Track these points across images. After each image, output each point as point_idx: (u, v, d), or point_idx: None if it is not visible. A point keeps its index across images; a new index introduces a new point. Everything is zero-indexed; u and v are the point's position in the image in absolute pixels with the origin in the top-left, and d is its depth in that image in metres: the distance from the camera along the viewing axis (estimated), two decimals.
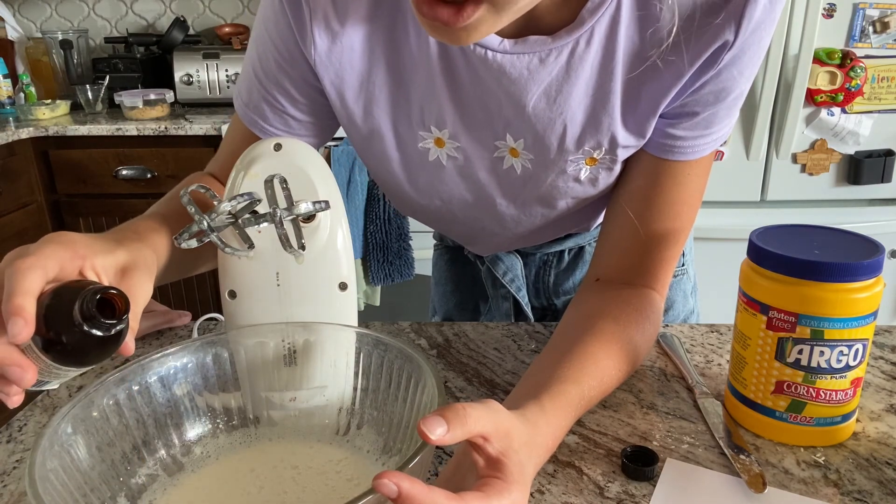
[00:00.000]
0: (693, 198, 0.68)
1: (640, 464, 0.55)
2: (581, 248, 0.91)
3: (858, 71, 1.81)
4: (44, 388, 0.51)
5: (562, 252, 0.91)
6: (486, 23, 0.49)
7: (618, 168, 0.68)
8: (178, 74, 2.27)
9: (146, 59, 2.45)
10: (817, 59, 1.82)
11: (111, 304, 0.44)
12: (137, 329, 0.50)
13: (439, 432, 0.40)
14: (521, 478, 0.44)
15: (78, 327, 0.43)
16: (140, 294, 0.51)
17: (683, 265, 0.92)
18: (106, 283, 0.49)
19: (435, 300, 1.06)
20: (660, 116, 0.63)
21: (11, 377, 0.43)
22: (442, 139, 0.67)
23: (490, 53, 0.59)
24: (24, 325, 0.41)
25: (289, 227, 0.56)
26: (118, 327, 0.45)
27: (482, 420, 0.43)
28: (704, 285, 1.41)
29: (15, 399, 0.45)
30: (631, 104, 0.62)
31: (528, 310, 0.92)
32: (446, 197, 0.73)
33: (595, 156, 0.66)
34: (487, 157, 0.68)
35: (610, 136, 0.64)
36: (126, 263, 0.51)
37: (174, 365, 0.56)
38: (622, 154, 0.66)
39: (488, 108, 0.64)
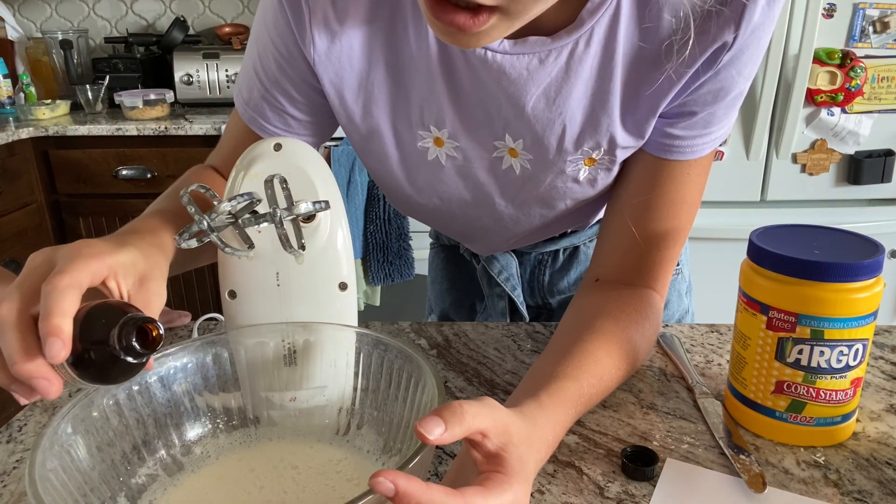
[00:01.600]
0: (692, 198, 0.68)
1: (640, 464, 0.55)
2: (576, 248, 0.91)
3: (858, 71, 1.81)
4: None
5: (556, 252, 0.91)
6: (498, 29, 0.49)
7: (616, 168, 0.68)
8: (178, 74, 2.27)
9: (146, 59, 2.44)
10: (817, 59, 1.82)
11: (144, 330, 0.44)
12: None
13: (437, 432, 0.40)
14: (521, 471, 0.44)
15: (114, 353, 0.43)
16: (156, 303, 0.51)
17: (679, 265, 0.92)
18: (125, 292, 0.49)
19: (431, 299, 1.07)
20: (658, 116, 0.63)
21: (38, 388, 0.43)
22: (441, 139, 0.67)
23: (490, 54, 0.59)
24: (63, 347, 0.42)
25: (289, 227, 0.56)
26: (150, 354, 0.45)
27: (479, 416, 0.43)
28: (704, 285, 1.41)
29: (28, 400, 0.46)
30: (630, 105, 0.62)
31: (523, 309, 0.92)
32: (445, 196, 0.74)
33: (594, 156, 0.66)
34: (486, 157, 0.68)
35: (609, 137, 0.64)
36: (144, 272, 0.51)
37: (174, 365, 0.56)
38: (621, 155, 0.66)
39: (487, 109, 0.64)
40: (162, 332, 0.45)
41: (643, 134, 0.64)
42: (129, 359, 0.44)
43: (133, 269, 0.50)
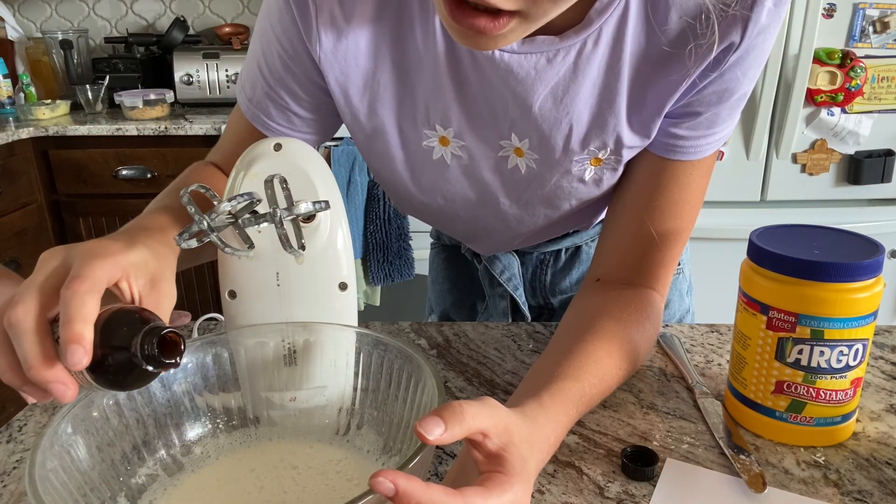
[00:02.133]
0: (695, 198, 0.68)
1: (640, 464, 0.55)
2: (578, 248, 0.91)
3: (858, 71, 1.81)
4: None
5: (558, 251, 0.91)
6: (516, 32, 0.50)
7: (621, 169, 0.68)
8: (178, 74, 2.27)
9: (146, 59, 2.44)
10: (817, 59, 1.81)
11: (165, 339, 0.44)
12: None
13: (437, 433, 0.40)
14: (522, 471, 0.44)
15: (135, 361, 0.43)
16: (167, 304, 0.51)
17: (680, 265, 0.92)
18: (136, 293, 0.49)
19: (431, 299, 1.06)
20: (663, 116, 0.63)
21: (54, 392, 0.43)
22: (446, 138, 0.67)
23: (497, 53, 0.59)
24: (84, 354, 0.42)
25: (289, 227, 0.56)
26: (172, 365, 0.45)
27: (480, 416, 0.43)
28: (704, 285, 1.41)
29: (39, 401, 0.46)
30: (636, 104, 0.62)
31: (525, 308, 0.92)
32: (449, 196, 0.73)
33: (600, 156, 0.66)
34: (492, 157, 0.68)
35: (615, 137, 0.64)
36: (154, 273, 0.51)
37: None
38: (627, 154, 0.66)
39: (494, 108, 0.64)
40: (185, 345, 0.45)
41: (649, 134, 0.64)
42: (150, 368, 0.44)
43: (144, 270, 0.50)
